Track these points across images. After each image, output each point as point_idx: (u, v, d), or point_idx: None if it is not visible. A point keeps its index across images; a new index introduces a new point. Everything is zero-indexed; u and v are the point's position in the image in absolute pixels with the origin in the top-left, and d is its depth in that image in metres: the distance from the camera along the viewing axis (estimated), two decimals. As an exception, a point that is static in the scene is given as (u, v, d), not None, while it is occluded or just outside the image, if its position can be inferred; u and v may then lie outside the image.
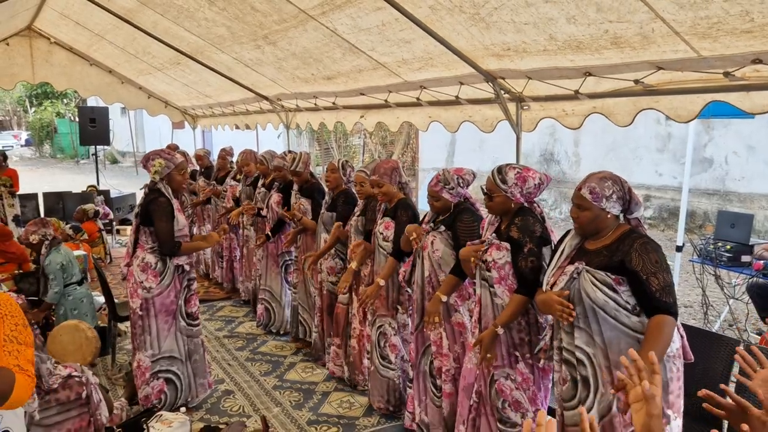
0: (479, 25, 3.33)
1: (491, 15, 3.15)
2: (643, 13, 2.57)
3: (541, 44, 3.22)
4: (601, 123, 3.45)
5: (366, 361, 4.17)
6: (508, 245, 2.83)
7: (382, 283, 3.71)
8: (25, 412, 2.47)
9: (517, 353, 2.88)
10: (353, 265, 4.04)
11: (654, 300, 2.23)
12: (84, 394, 3.17)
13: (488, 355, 2.84)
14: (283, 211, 5.14)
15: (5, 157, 8.53)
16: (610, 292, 2.29)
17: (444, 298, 3.21)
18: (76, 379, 3.17)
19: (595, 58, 3.12)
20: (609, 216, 2.38)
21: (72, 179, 17.70)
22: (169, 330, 3.85)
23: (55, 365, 3.18)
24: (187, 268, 3.89)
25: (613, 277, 2.30)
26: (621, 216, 2.44)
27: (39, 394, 2.90)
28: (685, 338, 2.40)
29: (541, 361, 2.80)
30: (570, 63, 3.29)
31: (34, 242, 4.83)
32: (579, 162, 12.58)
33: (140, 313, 3.77)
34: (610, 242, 2.39)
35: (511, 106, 4.07)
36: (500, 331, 2.80)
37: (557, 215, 12.69)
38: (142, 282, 3.74)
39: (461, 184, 3.30)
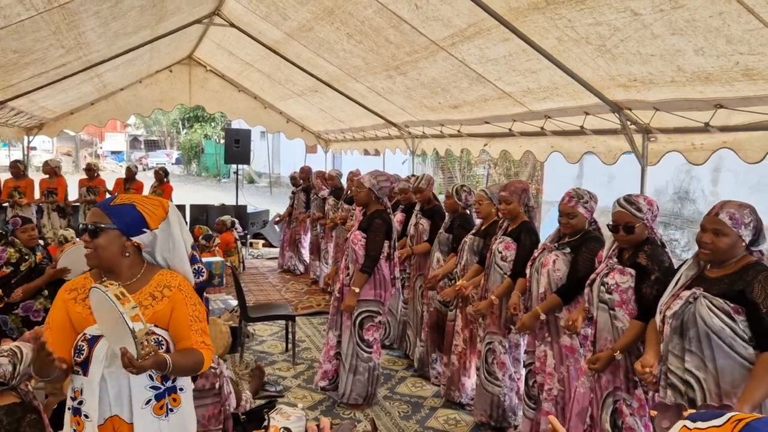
0: (605, 56, 3.38)
1: (617, 46, 3.19)
2: (776, 45, 2.53)
3: (669, 75, 3.21)
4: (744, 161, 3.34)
5: (470, 379, 4.28)
6: (632, 271, 2.85)
7: (495, 300, 3.80)
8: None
9: (637, 378, 2.87)
10: (461, 282, 4.16)
11: None
12: (217, 385, 3.52)
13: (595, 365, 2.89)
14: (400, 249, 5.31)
15: (166, 173, 9.54)
16: (727, 320, 2.26)
17: (542, 316, 3.28)
18: (212, 370, 3.52)
19: (725, 90, 3.07)
20: (743, 244, 2.35)
21: (214, 195, 19.23)
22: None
23: None
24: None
25: (732, 305, 2.27)
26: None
27: None
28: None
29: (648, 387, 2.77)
30: (699, 95, 3.25)
31: None
32: (717, 202, 11.79)
33: (337, 295, 4.36)
34: (732, 271, 2.36)
35: (637, 138, 4.04)
36: (618, 356, 2.80)
37: (689, 256, 11.93)
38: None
39: (593, 199, 3.36)
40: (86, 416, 1.95)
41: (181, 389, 2.09)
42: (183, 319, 2.03)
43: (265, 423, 3.68)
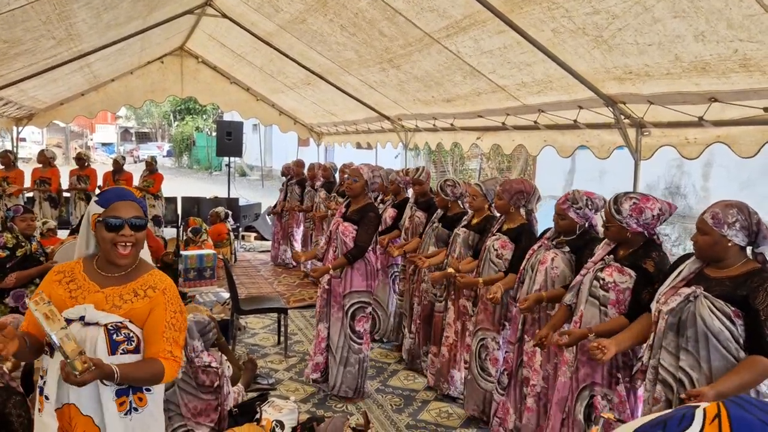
0: (602, 47, 3.36)
1: (614, 37, 3.18)
2: (775, 34, 2.52)
3: (665, 67, 3.20)
4: (735, 156, 3.34)
5: (459, 372, 4.30)
6: (633, 273, 2.83)
7: (481, 284, 3.83)
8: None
9: (619, 375, 2.88)
10: (450, 270, 4.15)
11: (762, 341, 2.19)
12: (216, 384, 3.52)
13: (557, 338, 2.93)
14: (388, 245, 5.36)
15: (155, 162, 9.51)
16: (728, 322, 2.26)
17: (544, 303, 3.29)
18: (215, 369, 3.53)
19: (721, 82, 3.06)
20: (730, 245, 2.32)
21: (205, 188, 19.13)
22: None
23: (201, 352, 3.56)
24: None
25: (733, 309, 2.26)
26: (749, 250, 2.39)
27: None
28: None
29: (638, 382, 2.78)
30: (695, 87, 3.25)
31: None
32: (708, 197, 11.85)
33: (326, 287, 4.33)
34: (737, 274, 2.33)
35: (631, 132, 4.04)
36: (592, 336, 2.79)
37: (680, 252, 12.01)
38: None
39: (589, 206, 3.32)
40: (47, 397, 1.96)
41: (147, 390, 2.03)
42: (158, 323, 2.00)
43: (258, 416, 3.67)
